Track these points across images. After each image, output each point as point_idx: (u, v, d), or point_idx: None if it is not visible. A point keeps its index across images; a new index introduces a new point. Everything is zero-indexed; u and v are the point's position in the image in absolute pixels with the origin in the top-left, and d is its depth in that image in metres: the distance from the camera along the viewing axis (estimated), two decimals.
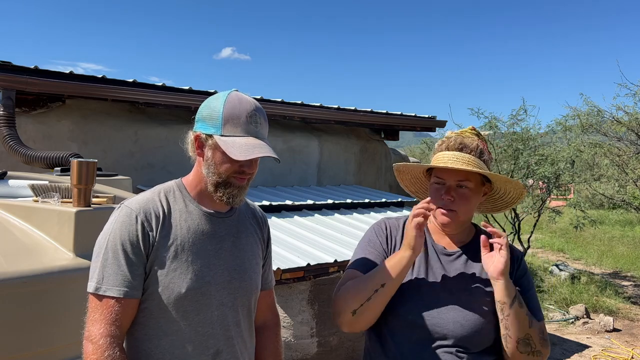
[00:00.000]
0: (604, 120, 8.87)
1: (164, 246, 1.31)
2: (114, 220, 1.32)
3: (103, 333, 1.25)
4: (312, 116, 6.09)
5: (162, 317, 1.32)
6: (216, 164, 1.33)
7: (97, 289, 1.28)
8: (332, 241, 4.12)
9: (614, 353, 5.73)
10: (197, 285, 1.33)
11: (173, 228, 1.33)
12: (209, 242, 1.38)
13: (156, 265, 1.30)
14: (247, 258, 1.47)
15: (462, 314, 1.41)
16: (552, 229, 14.32)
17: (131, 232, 1.29)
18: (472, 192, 1.44)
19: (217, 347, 1.37)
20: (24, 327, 1.64)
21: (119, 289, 1.27)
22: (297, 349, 3.54)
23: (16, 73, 4.06)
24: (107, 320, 1.26)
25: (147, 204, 1.33)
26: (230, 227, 1.44)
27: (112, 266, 1.27)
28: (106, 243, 1.29)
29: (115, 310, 1.27)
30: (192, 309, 1.33)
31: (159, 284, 1.30)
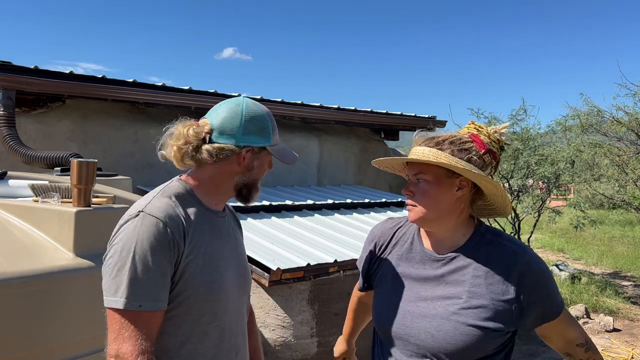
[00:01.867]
0: (604, 120, 8.87)
1: (191, 253, 1.30)
2: (135, 229, 1.24)
3: (140, 350, 1.20)
4: (312, 116, 6.09)
5: (192, 322, 1.31)
6: (260, 171, 1.43)
7: (128, 305, 1.20)
8: (332, 241, 4.12)
9: (614, 353, 5.73)
10: (221, 287, 1.35)
11: (194, 233, 1.32)
12: (220, 242, 1.40)
13: (185, 272, 1.28)
14: (243, 255, 1.54)
15: (435, 324, 1.33)
16: (552, 229, 14.32)
17: (162, 242, 1.23)
18: (431, 185, 1.34)
19: (238, 344, 1.42)
20: (24, 327, 1.64)
21: (152, 303, 1.22)
22: (297, 349, 3.54)
23: (16, 73, 4.06)
24: (141, 337, 1.20)
25: (168, 210, 1.28)
26: (228, 226, 1.49)
27: (142, 279, 1.21)
28: (132, 255, 1.21)
29: (148, 325, 1.22)
30: (219, 311, 1.36)
31: (187, 291, 1.28)
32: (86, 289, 1.80)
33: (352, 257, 3.71)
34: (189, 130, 1.35)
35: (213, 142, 1.34)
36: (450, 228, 1.40)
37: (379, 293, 1.49)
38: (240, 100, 1.39)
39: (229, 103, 1.39)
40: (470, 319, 1.32)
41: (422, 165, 1.36)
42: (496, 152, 1.39)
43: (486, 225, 1.46)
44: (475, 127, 1.41)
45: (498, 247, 1.38)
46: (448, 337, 1.31)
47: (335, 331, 3.71)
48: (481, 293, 1.33)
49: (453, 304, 1.34)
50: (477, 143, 1.36)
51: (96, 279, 1.83)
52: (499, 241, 1.40)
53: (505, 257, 1.36)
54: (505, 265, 1.35)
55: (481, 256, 1.37)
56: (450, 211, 1.38)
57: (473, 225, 1.44)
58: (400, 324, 1.39)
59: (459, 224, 1.41)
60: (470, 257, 1.38)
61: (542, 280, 1.36)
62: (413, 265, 1.44)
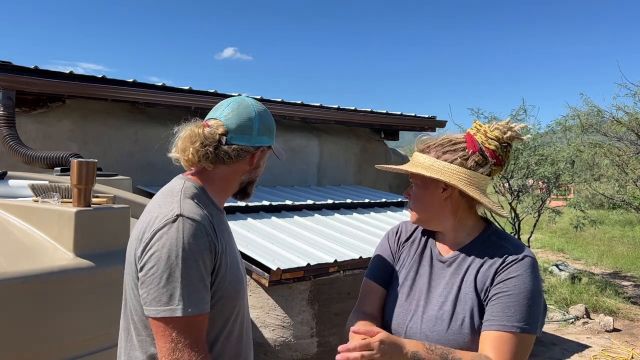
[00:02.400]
0: (604, 120, 8.87)
1: (223, 253, 1.31)
2: (179, 233, 1.21)
3: (201, 349, 1.20)
4: (312, 116, 6.09)
5: (224, 322, 1.33)
6: (260, 169, 1.48)
7: (185, 311, 1.17)
8: (332, 241, 4.12)
9: (614, 353, 5.73)
10: (242, 285, 1.41)
11: (220, 233, 1.32)
12: (232, 240, 1.45)
13: (219, 272, 1.29)
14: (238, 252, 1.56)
15: (429, 325, 1.35)
16: (552, 229, 14.32)
17: (205, 244, 1.23)
18: (420, 189, 1.42)
19: (250, 337, 1.47)
20: (24, 327, 1.64)
21: (205, 306, 1.22)
22: (297, 349, 3.54)
23: (16, 73, 4.06)
24: (200, 342, 1.20)
25: (201, 212, 1.28)
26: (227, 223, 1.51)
27: (196, 283, 1.20)
28: (181, 260, 1.19)
29: (202, 328, 1.22)
30: (241, 308, 1.39)
31: (221, 290, 1.30)
32: (86, 289, 1.80)
33: (352, 257, 3.71)
34: (204, 131, 1.33)
35: (230, 143, 1.35)
36: (450, 228, 1.43)
37: (391, 290, 1.50)
38: (249, 101, 1.42)
39: (238, 103, 1.39)
40: (461, 320, 1.33)
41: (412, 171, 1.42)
42: (495, 150, 1.37)
43: (496, 227, 1.45)
44: (476, 126, 1.42)
45: (498, 249, 1.37)
46: (441, 338, 1.32)
47: (335, 331, 3.71)
48: (472, 294, 1.34)
49: (447, 305, 1.36)
50: (467, 143, 1.38)
51: (96, 278, 1.84)
52: (500, 243, 1.39)
53: (498, 255, 1.35)
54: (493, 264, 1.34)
55: (481, 258, 1.37)
56: (442, 212, 1.41)
57: (482, 227, 1.44)
58: (401, 323, 1.41)
59: (459, 224, 1.42)
60: (469, 258, 1.39)
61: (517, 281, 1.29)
62: (424, 265, 1.47)
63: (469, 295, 1.34)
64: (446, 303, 1.36)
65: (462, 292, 1.35)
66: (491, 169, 1.39)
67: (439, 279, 1.42)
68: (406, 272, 1.49)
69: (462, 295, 1.35)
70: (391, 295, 1.48)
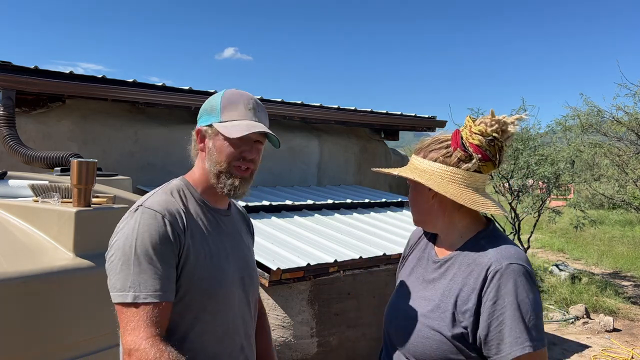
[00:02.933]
0: (604, 120, 8.87)
1: (193, 246, 1.30)
2: (135, 223, 1.25)
3: (144, 336, 1.19)
4: (312, 116, 6.09)
5: (193, 318, 1.32)
6: (217, 152, 1.35)
7: (136, 297, 1.20)
8: (332, 241, 4.12)
9: (614, 353, 5.73)
10: (223, 284, 1.35)
11: (195, 228, 1.33)
12: (222, 240, 1.40)
13: (186, 266, 1.28)
14: (250, 255, 1.52)
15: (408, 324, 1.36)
16: (552, 229, 14.32)
17: (162, 234, 1.24)
18: (414, 191, 1.42)
19: (241, 343, 1.41)
20: (24, 327, 1.64)
21: (157, 294, 1.22)
22: (297, 349, 3.53)
23: (16, 73, 4.06)
24: (146, 325, 1.21)
25: (168, 205, 1.30)
26: (232, 224, 1.48)
27: (147, 271, 1.22)
28: (134, 248, 1.22)
29: (154, 315, 1.22)
30: (221, 308, 1.35)
31: (187, 284, 1.29)
32: (86, 289, 1.80)
33: (352, 257, 3.71)
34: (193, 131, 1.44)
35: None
36: (442, 228, 1.41)
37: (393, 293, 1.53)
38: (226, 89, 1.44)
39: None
40: (435, 322, 1.29)
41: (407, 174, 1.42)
42: (479, 145, 1.30)
43: (492, 229, 1.37)
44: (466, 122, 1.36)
45: (483, 254, 1.29)
46: (412, 339, 1.33)
47: (335, 331, 3.71)
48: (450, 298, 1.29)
49: (426, 307, 1.34)
50: (451, 140, 1.34)
51: (96, 278, 1.84)
52: (488, 247, 1.30)
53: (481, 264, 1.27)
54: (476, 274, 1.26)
55: (466, 261, 1.31)
56: (431, 212, 1.39)
57: (478, 228, 1.37)
58: (392, 324, 1.43)
59: (450, 225, 1.38)
60: (458, 261, 1.34)
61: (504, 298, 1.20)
62: (421, 267, 1.47)
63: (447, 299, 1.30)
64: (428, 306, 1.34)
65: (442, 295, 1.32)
66: (479, 165, 1.32)
67: (428, 281, 1.41)
68: (405, 274, 1.51)
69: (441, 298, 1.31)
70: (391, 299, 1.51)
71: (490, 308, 1.21)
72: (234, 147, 1.34)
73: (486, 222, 1.41)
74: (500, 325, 1.20)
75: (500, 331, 1.19)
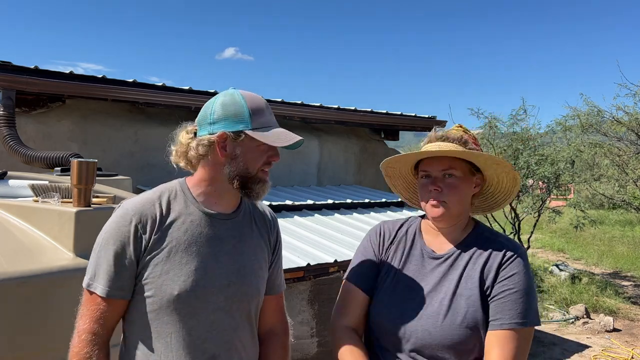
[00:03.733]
0: (604, 120, 8.87)
1: (158, 248, 1.30)
2: (111, 219, 1.33)
3: (86, 329, 1.28)
4: (312, 116, 6.09)
5: (156, 319, 1.31)
6: (250, 158, 1.35)
7: (88, 285, 1.30)
8: (332, 241, 4.12)
9: (614, 353, 5.73)
10: (190, 288, 1.30)
11: (169, 230, 1.32)
12: (207, 244, 1.35)
13: (149, 267, 1.29)
14: (249, 262, 1.42)
15: (431, 321, 1.35)
16: (552, 229, 14.32)
17: (124, 234, 1.29)
18: (460, 181, 1.38)
19: (213, 352, 1.34)
20: (24, 327, 1.64)
21: (105, 289, 1.28)
22: (297, 349, 3.54)
23: (16, 73, 4.06)
24: (92, 317, 1.28)
25: (143, 205, 1.33)
26: (233, 229, 1.41)
27: (103, 265, 1.29)
28: (100, 241, 1.31)
29: (100, 308, 1.28)
30: (186, 313, 1.31)
31: (151, 286, 1.29)
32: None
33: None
34: (183, 132, 1.40)
35: (197, 136, 1.38)
36: (458, 224, 1.45)
37: (379, 292, 1.47)
38: (222, 93, 1.40)
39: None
40: (463, 314, 1.34)
41: (452, 161, 1.39)
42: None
43: (483, 225, 1.50)
44: (464, 130, 1.48)
45: (492, 242, 1.42)
46: (444, 333, 1.33)
47: None
48: (475, 289, 1.36)
49: (447, 300, 1.36)
50: (476, 144, 1.45)
51: None
52: (494, 239, 1.43)
53: (495, 249, 1.40)
54: (492, 258, 1.38)
55: (476, 252, 1.40)
56: (468, 209, 1.45)
57: (472, 223, 1.49)
58: (398, 323, 1.40)
59: (463, 221, 1.46)
60: (466, 253, 1.41)
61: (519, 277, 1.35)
62: (413, 264, 1.46)
63: (471, 290, 1.36)
64: (445, 298, 1.36)
65: (461, 287, 1.37)
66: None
67: (431, 276, 1.42)
68: (394, 273, 1.47)
69: (461, 290, 1.37)
70: (381, 298, 1.46)
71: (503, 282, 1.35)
72: (263, 153, 1.35)
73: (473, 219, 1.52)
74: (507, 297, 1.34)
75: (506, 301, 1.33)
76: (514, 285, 1.34)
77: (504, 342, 1.30)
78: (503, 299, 1.33)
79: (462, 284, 1.37)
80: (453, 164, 1.38)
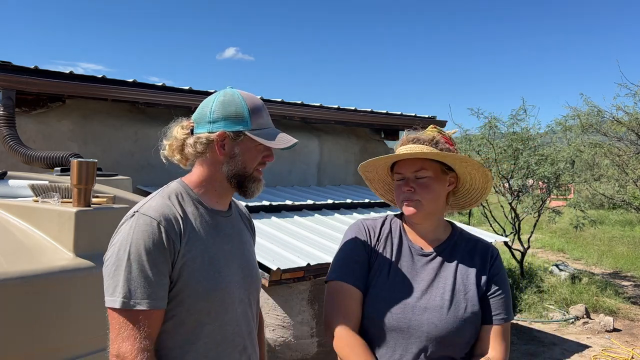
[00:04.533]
0: (604, 120, 8.87)
1: (189, 252, 1.30)
2: (130, 229, 1.26)
3: (139, 349, 1.21)
4: (312, 116, 6.09)
5: (193, 321, 1.31)
6: (247, 158, 1.38)
7: (125, 304, 1.21)
8: (332, 241, 4.12)
9: (614, 353, 5.73)
10: (222, 286, 1.34)
11: (192, 232, 1.32)
12: (223, 241, 1.39)
13: (183, 271, 1.28)
14: (251, 255, 1.52)
15: (437, 314, 1.41)
16: (552, 229, 14.32)
17: (156, 241, 1.24)
18: (432, 181, 1.45)
19: (243, 343, 1.41)
20: (24, 327, 1.64)
21: (149, 302, 1.22)
22: (297, 349, 3.54)
23: (16, 73, 4.06)
24: (140, 336, 1.22)
25: (164, 210, 1.30)
26: (233, 225, 1.47)
27: (138, 278, 1.22)
28: (127, 254, 1.23)
29: (147, 323, 1.23)
30: (220, 310, 1.34)
31: (187, 289, 1.29)
32: (86, 289, 1.80)
33: None
34: (178, 128, 1.41)
35: (194, 134, 1.38)
36: (435, 222, 1.52)
37: (374, 288, 1.48)
38: (220, 91, 1.41)
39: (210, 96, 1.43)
40: (463, 307, 1.43)
41: (424, 162, 1.45)
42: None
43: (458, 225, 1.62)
44: (438, 130, 1.53)
45: (476, 241, 1.55)
46: (449, 326, 1.40)
47: None
48: (469, 285, 1.46)
49: (448, 295, 1.44)
50: (449, 145, 1.51)
51: (96, 279, 1.84)
52: (475, 238, 1.57)
53: (483, 249, 1.53)
54: (482, 256, 1.51)
55: (464, 250, 1.51)
56: (442, 206, 1.52)
57: (449, 223, 1.59)
58: (401, 318, 1.42)
59: (440, 219, 1.55)
60: (455, 250, 1.51)
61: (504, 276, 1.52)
62: (405, 261, 1.50)
63: (468, 287, 1.45)
64: (446, 293, 1.44)
65: (458, 283, 1.45)
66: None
67: (425, 272, 1.48)
68: (388, 269, 1.49)
69: (459, 286, 1.45)
70: (377, 294, 1.47)
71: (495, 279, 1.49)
72: (259, 153, 1.39)
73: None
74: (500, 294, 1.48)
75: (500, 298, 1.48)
76: (504, 282, 1.50)
77: (505, 335, 1.46)
78: (499, 295, 1.47)
79: (459, 280, 1.46)
80: (424, 164, 1.45)
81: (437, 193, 1.47)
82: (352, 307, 1.46)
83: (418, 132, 1.52)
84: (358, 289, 1.48)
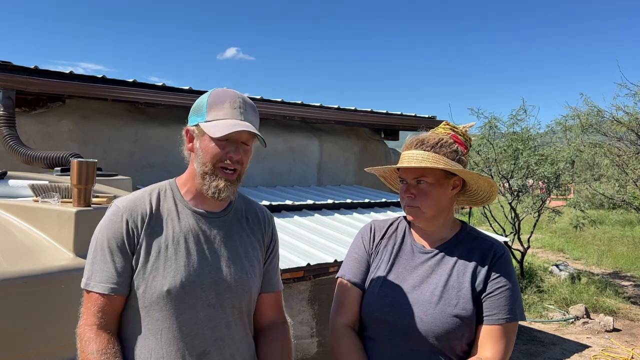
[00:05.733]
0: (604, 120, 8.87)
1: (148, 245, 1.32)
2: (104, 218, 1.35)
3: (87, 322, 1.30)
4: (312, 116, 6.09)
5: (147, 316, 1.32)
6: (203, 152, 1.32)
7: (86, 284, 1.33)
8: (332, 241, 4.12)
9: (614, 353, 5.73)
10: (179, 285, 1.31)
11: (159, 227, 1.34)
12: (195, 242, 1.36)
13: (140, 263, 1.32)
14: (239, 259, 1.42)
15: (424, 309, 1.42)
16: (552, 229, 14.32)
17: (116, 230, 1.31)
18: (432, 187, 1.45)
19: (204, 347, 1.34)
20: (24, 327, 1.64)
21: (104, 285, 1.30)
22: (297, 349, 3.54)
23: (16, 73, 4.06)
24: (92, 313, 1.30)
25: (134, 202, 1.35)
26: (221, 227, 1.42)
27: (99, 263, 1.31)
28: (95, 241, 1.34)
29: (100, 304, 1.30)
30: (175, 309, 1.32)
31: (142, 282, 1.31)
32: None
33: None
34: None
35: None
36: (441, 224, 1.52)
37: (370, 284, 1.53)
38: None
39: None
40: (453, 305, 1.42)
41: (424, 169, 1.45)
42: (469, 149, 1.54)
43: (468, 225, 1.60)
44: (451, 127, 1.52)
45: (480, 241, 1.52)
46: (435, 321, 1.41)
47: None
48: (463, 282, 1.45)
49: (439, 291, 1.44)
50: (459, 144, 1.49)
51: None
52: (482, 237, 1.54)
53: (485, 248, 1.50)
54: (482, 255, 1.48)
55: (465, 249, 1.50)
56: (445, 209, 1.51)
57: (459, 223, 1.58)
58: (389, 312, 1.45)
59: (447, 220, 1.54)
60: (456, 249, 1.50)
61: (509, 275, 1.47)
62: (404, 258, 1.53)
63: (462, 284, 1.44)
64: (437, 289, 1.44)
65: (452, 280, 1.45)
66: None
67: (421, 269, 1.49)
68: (385, 266, 1.53)
69: (452, 283, 1.45)
70: (371, 289, 1.52)
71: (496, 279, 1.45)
72: (219, 148, 1.30)
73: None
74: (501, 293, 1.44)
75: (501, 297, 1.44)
76: (506, 283, 1.45)
77: (499, 335, 1.41)
78: (497, 295, 1.43)
79: (454, 277, 1.46)
80: (425, 171, 1.45)
81: (438, 199, 1.46)
82: (348, 303, 1.54)
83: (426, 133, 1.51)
84: (356, 286, 1.55)
